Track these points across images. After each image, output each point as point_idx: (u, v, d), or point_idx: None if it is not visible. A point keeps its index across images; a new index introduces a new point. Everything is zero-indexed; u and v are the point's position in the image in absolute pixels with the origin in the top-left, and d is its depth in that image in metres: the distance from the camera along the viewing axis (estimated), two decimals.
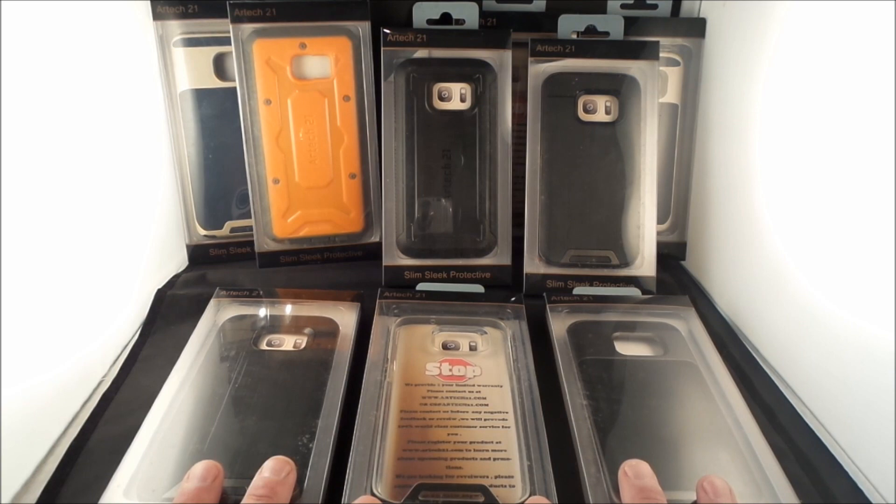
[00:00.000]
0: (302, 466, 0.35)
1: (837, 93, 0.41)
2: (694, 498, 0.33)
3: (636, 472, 0.33)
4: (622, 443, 0.38)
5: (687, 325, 0.49)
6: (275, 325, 0.48)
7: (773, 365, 0.48)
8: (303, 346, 0.45)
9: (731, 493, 0.32)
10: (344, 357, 0.44)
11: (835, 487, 0.38)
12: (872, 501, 0.37)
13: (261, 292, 0.51)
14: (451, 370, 0.43)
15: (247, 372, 0.43)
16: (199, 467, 0.33)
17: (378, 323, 0.47)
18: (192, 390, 0.41)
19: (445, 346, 0.45)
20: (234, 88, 0.56)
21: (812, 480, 0.38)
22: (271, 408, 0.40)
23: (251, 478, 0.33)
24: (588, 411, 0.40)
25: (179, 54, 0.56)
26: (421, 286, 0.53)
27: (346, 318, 0.48)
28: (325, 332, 0.47)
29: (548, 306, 0.50)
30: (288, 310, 0.49)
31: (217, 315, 0.48)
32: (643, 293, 0.55)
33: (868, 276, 0.38)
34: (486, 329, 0.47)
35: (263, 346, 0.45)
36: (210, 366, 0.43)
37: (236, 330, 0.47)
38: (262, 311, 0.49)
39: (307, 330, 0.47)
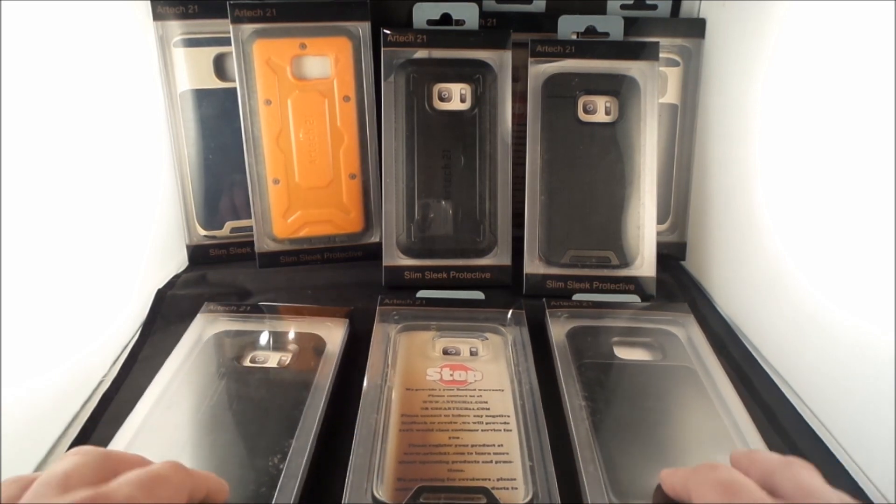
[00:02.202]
0: (269, 488, 0.33)
1: (837, 93, 0.41)
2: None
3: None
4: (620, 444, 0.38)
5: (686, 331, 0.49)
6: (260, 341, 0.46)
7: (773, 365, 0.48)
8: (287, 363, 0.44)
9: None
10: (327, 375, 0.42)
11: (835, 487, 0.38)
12: (873, 501, 0.37)
13: (248, 307, 0.50)
14: (451, 375, 0.43)
15: (226, 389, 0.41)
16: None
17: (378, 330, 0.47)
18: (168, 407, 0.39)
19: (446, 352, 0.45)
20: (235, 89, 0.56)
21: None
22: (246, 425, 0.38)
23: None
24: (586, 413, 0.40)
25: (179, 54, 0.56)
26: (421, 293, 0.53)
27: (333, 334, 0.47)
28: (311, 349, 0.45)
29: (547, 311, 0.50)
30: (275, 326, 0.48)
31: (203, 331, 0.47)
32: (643, 293, 0.55)
33: (868, 276, 0.38)
34: (487, 335, 0.47)
35: (246, 363, 0.44)
36: (189, 382, 0.42)
37: (220, 346, 0.46)
38: (248, 328, 0.48)
39: (292, 347, 0.46)
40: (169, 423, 0.38)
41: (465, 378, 0.42)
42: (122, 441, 0.37)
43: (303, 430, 0.38)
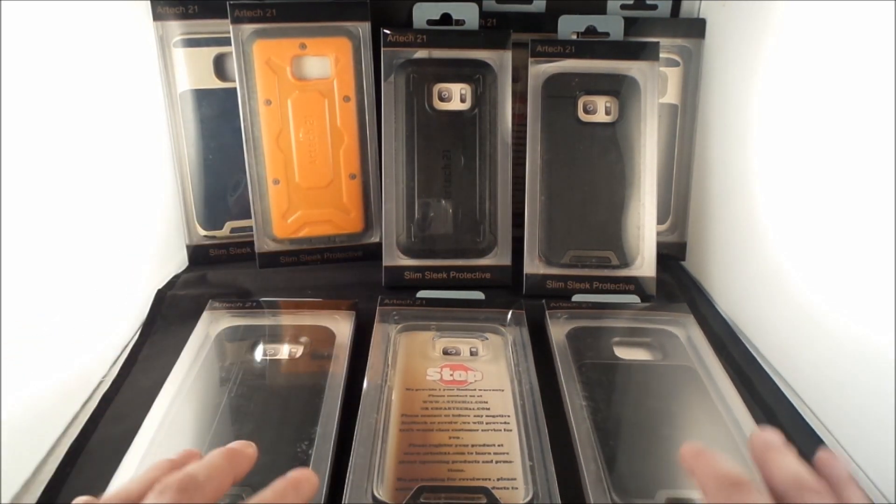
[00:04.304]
0: None
1: (837, 93, 0.41)
2: (692, 497, 0.33)
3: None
4: (621, 442, 0.38)
5: (686, 331, 0.49)
6: (270, 334, 0.47)
7: (774, 365, 0.48)
8: (298, 355, 0.45)
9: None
10: (340, 365, 0.44)
11: None
12: (873, 502, 0.37)
13: (254, 303, 0.50)
14: (451, 375, 0.43)
15: (242, 381, 0.42)
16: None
17: (378, 330, 0.47)
18: (188, 400, 0.41)
19: (446, 352, 0.45)
20: (235, 89, 0.55)
21: None
22: (268, 415, 0.39)
23: (250, 485, 0.31)
24: (587, 413, 0.40)
25: (179, 55, 0.56)
26: (421, 293, 0.53)
27: (341, 326, 0.48)
28: (321, 340, 0.47)
29: (547, 312, 0.50)
30: (283, 319, 0.49)
31: (210, 327, 0.48)
32: (643, 294, 0.55)
33: (868, 276, 0.38)
34: (487, 335, 0.47)
35: (259, 356, 0.45)
36: (205, 376, 0.43)
37: (230, 341, 0.47)
38: (257, 322, 0.49)
39: (303, 339, 0.47)
40: (191, 415, 0.40)
41: (465, 378, 0.43)
42: (146, 437, 0.37)
43: (325, 418, 0.39)
